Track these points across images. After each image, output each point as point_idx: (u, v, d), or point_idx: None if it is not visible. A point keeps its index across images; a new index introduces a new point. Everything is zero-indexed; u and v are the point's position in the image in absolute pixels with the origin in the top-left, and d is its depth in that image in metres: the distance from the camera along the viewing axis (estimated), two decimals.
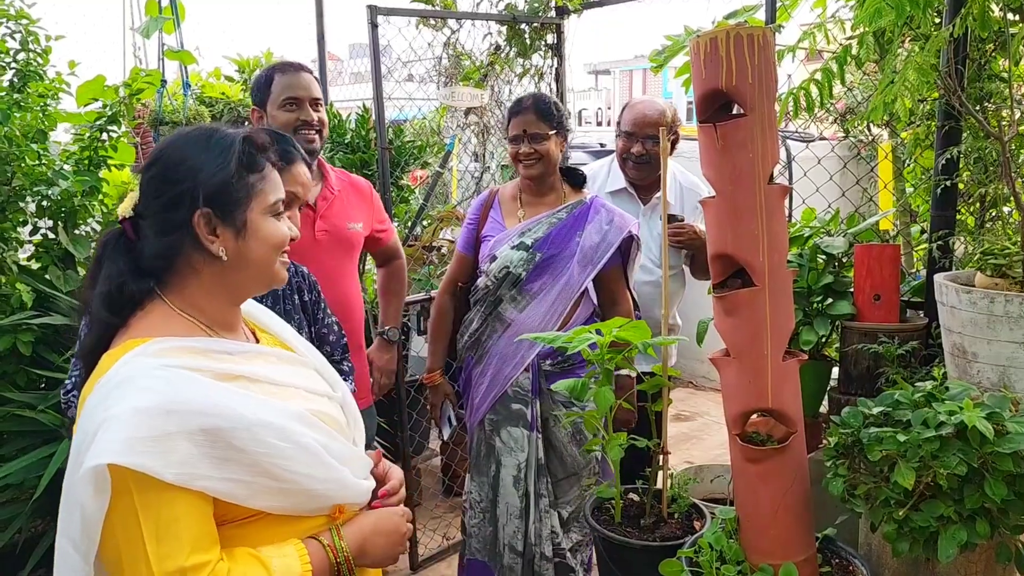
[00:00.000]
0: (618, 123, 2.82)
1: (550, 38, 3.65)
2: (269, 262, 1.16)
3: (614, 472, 1.96)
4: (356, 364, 2.25)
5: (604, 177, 2.85)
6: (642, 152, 2.69)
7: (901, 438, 1.25)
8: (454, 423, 2.46)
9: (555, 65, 3.68)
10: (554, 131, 2.33)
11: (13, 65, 2.28)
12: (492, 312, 2.34)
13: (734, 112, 1.53)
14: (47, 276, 2.38)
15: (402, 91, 3.29)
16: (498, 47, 3.91)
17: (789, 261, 2.27)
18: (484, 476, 2.40)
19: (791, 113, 1.73)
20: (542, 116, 2.33)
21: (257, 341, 1.26)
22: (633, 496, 2.05)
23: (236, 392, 1.08)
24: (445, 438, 2.55)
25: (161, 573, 0.97)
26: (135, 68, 2.37)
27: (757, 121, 1.44)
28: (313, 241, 2.10)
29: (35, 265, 2.36)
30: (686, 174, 2.90)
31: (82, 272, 2.39)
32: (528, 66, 3.85)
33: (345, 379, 1.93)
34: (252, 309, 1.32)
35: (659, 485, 1.98)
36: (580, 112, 19.39)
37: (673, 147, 2.84)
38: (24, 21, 2.35)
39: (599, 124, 18.49)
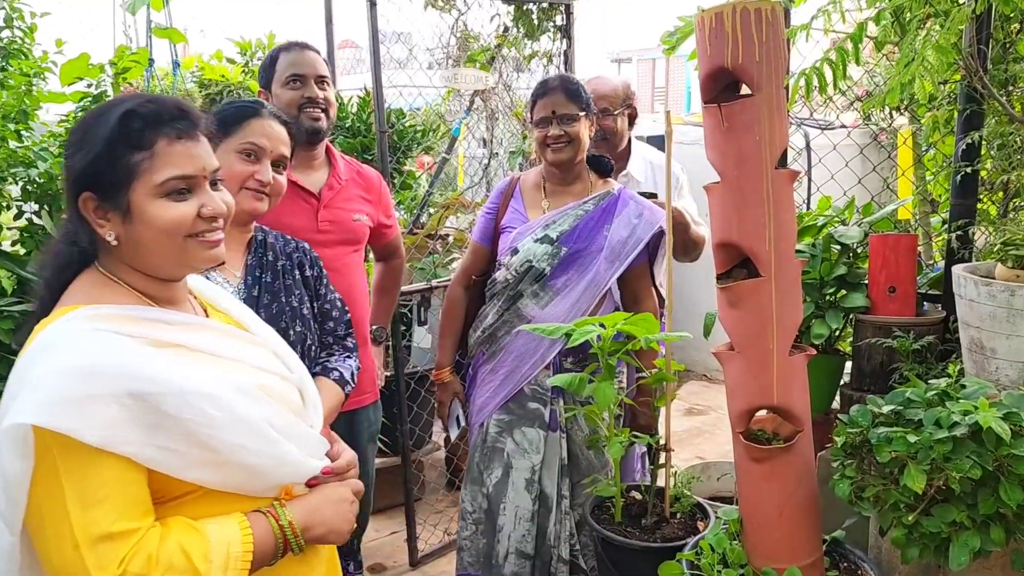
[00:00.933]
0: None
1: (559, 19, 3.59)
2: (165, 246, 1.09)
3: (614, 469, 1.93)
4: (365, 361, 2.21)
5: None
6: (596, 128, 2.61)
7: (912, 439, 1.20)
8: (463, 423, 2.38)
9: (564, 48, 3.61)
10: (583, 113, 2.23)
11: None
12: (510, 307, 2.24)
13: (741, 93, 1.48)
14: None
15: (407, 76, 3.22)
16: (506, 29, 3.86)
17: (800, 251, 2.22)
18: (478, 485, 2.30)
19: (803, 95, 1.68)
20: (571, 96, 2.21)
21: (207, 317, 1.23)
22: (635, 494, 2.01)
23: (171, 358, 1.05)
24: (453, 438, 2.47)
25: (86, 539, 0.95)
26: (121, 46, 2.33)
27: (764, 101, 1.39)
28: (316, 232, 2.05)
29: (22, 251, 2.33)
30: (655, 151, 2.86)
31: None
32: (536, 49, 3.79)
33: (350, 355, 1.90)
34: (206, 289, 1.28)
35: (663, 483, 1.94)
36: None
37: (631, 123, 2.77)
38: None
39: None
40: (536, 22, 3.54)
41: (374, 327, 2.45)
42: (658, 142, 5.18)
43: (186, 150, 1.09)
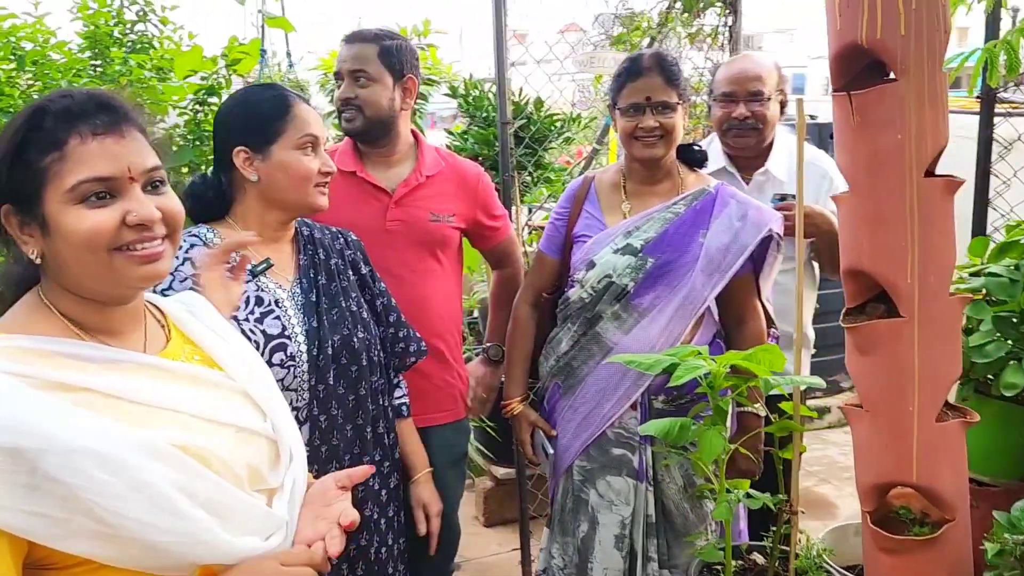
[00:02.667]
0: (709, 90, 2.42)
1: None
2: (87, 263, 0.97)
3: (726, 529, 1.67)
4: (442, 375, 2.08)
5: None
6: (747, 115, 2.25)
7: None
8: (550, 450, 2.16)
9: (730, 23, 3.30)
10: (680, 101, 1.95)
11: (132, 37, 2.38)
12: (587, 332, 1.99)
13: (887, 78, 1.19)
14: None
15: (535, 64, 3.07)
16: (670, 7, 3.60)
17: (996, 274, 1.82)
18: (570, 536, 2.07)
19: (988, 78, 1.33)
20: (670, 80, 1.93)
21: (166, 347, 1.10)
22: (758, 557, 1.74)
23: (62, 407, 0.92)
24: (546, 473, 2.24)
25: None
26: (232, 37, 2.39)
27: (912, 88, 1.10)
28: (383, 231, 1.95)
29: None
30: (807, 145, 2.44)
31: None
32: (701, 25, 3.51)
33: (417, 359, 1.84)
34: (182, 315, 1.16)
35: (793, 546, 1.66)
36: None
37: (782, 111, 2.39)
38: None
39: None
40: None
41: (488, 345, 2.31)
42: None
43: (103, 148, 0.97)
